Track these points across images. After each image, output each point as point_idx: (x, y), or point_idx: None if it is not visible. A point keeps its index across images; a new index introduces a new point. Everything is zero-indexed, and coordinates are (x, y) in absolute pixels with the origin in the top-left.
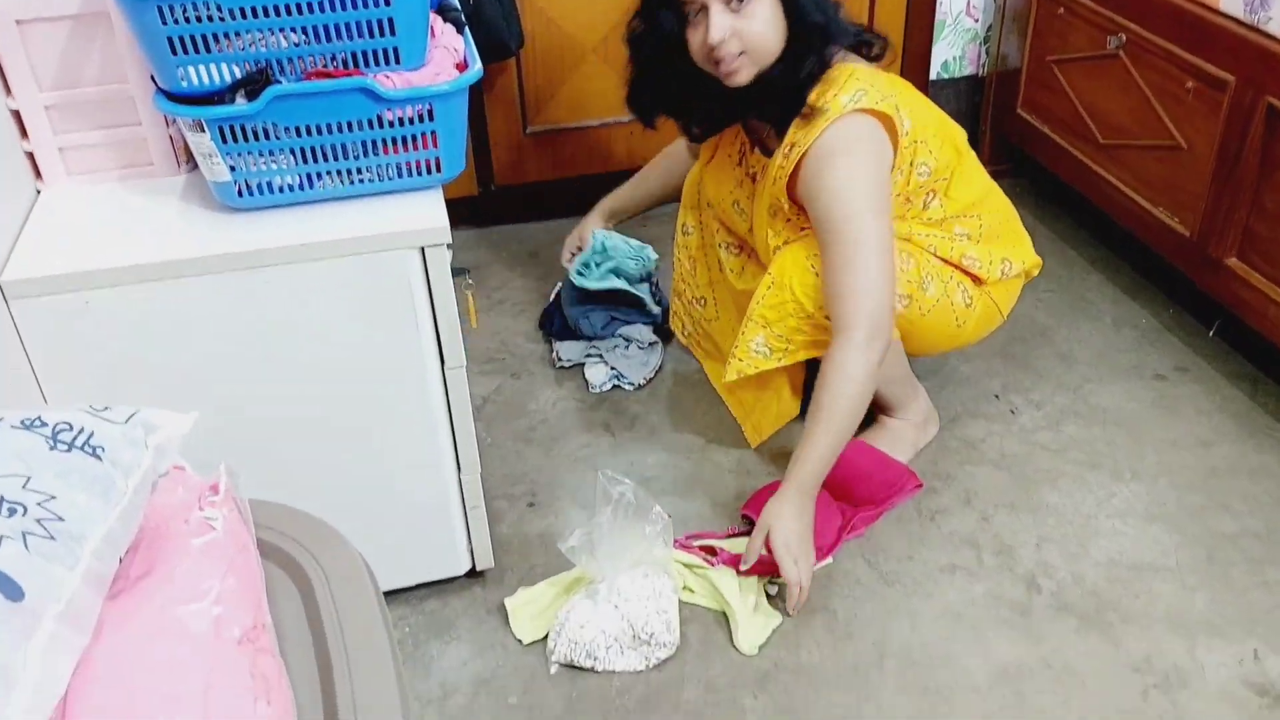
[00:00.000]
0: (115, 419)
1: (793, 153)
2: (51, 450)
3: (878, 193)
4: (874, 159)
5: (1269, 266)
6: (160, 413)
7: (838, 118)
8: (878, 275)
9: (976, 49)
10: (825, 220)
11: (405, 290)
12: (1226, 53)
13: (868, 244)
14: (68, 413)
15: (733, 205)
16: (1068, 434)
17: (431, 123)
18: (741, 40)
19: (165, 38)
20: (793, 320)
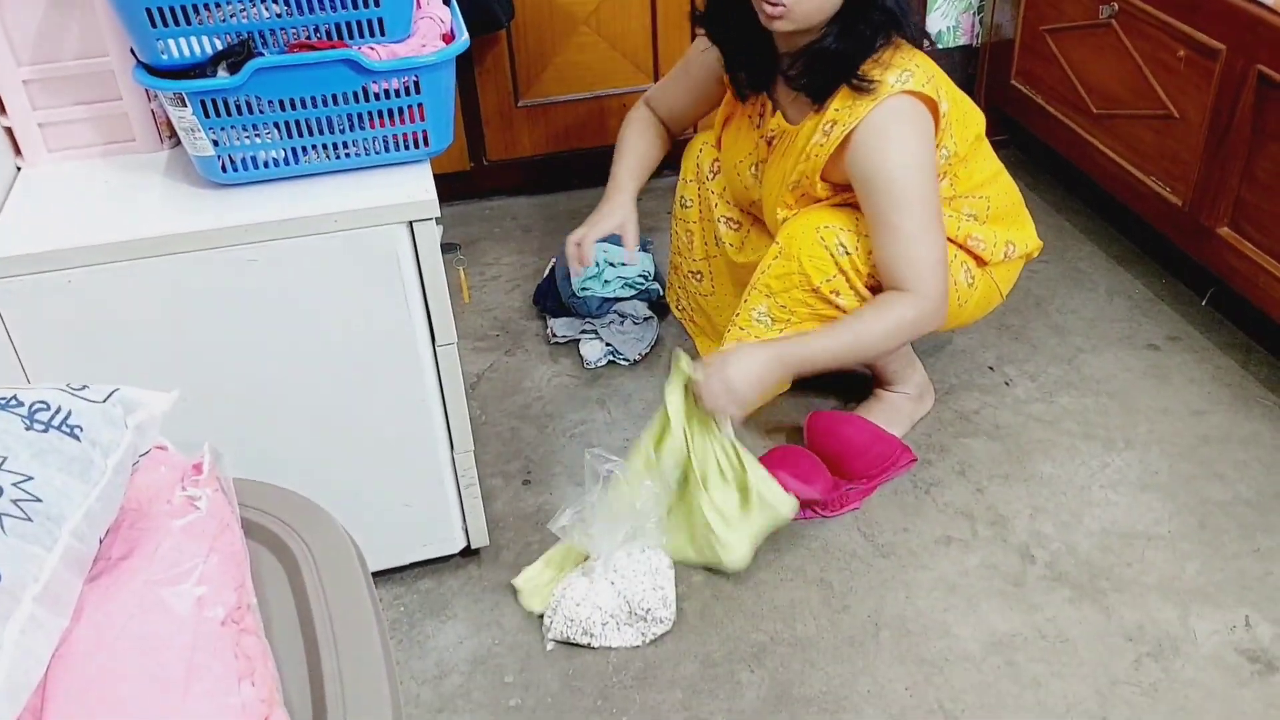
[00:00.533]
0: (93, 398)
1: (834, 131)
2: (28, 430)
3: (927, 168)
4: (924, 138)
5: (1260, 236)
6: (140, 391)
7: (886, 97)
8: (942, 252)
9: (970, 19)
10: (874, 199)
11: (394, 265)
12: (1217, 21)
13: (931, 219)
14: (44, 391)
15: (750, 169)
16: (1061, 404)
17: (418, 95)
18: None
19: (144, 9)
20: (797, 292)
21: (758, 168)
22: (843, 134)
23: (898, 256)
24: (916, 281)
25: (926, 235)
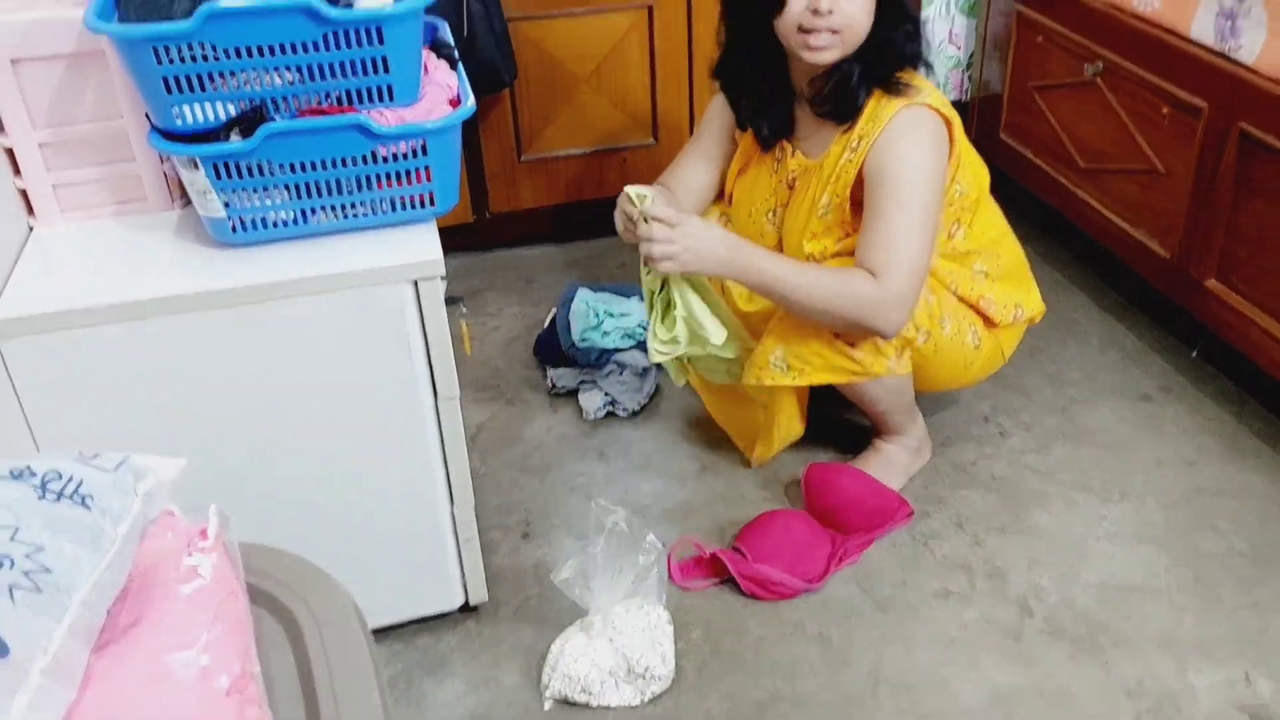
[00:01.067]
0: (105, 466)
1: (861, 145)
2: (40, 500)
3: (935, 177)
4: (937, 146)
5: (1248, 288)
6: (150, 458)
7: (907, 106)
8: (924, 263)
9: (960, 75)
10: (880, 191)
11: (399, 323)
12: (1199, 80)
13: (924, 225)
14: (57, 460)
15: (766, 216)
16: (1056, 455)
17: (425, 158)
18: (843, 16)
19: (161, 77)
20: (814, 343)
21: (775, 214)
22: (869, 145)
23: (879, 245)
24: (887, 272)
25: (914, 238)
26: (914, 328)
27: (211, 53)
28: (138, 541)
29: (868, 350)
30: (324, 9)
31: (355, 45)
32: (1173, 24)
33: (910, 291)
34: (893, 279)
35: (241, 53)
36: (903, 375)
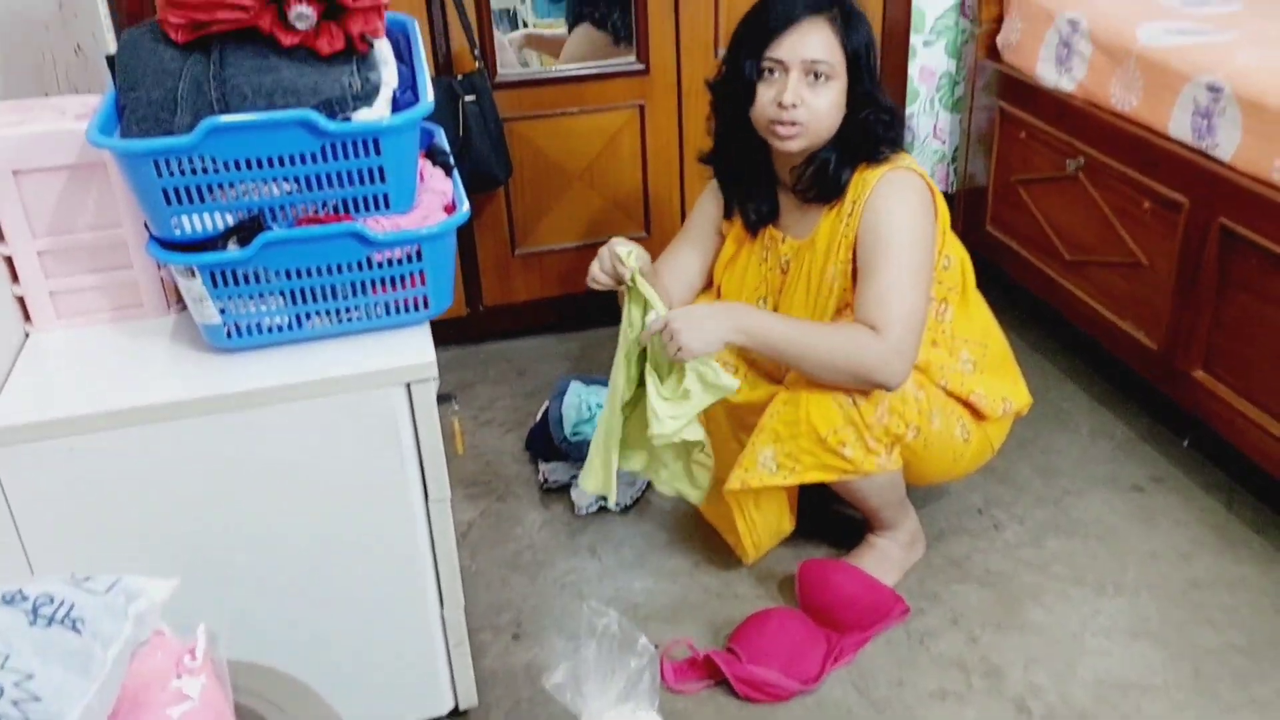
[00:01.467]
0: (96, 589)
1: (854, 211)
2: (31, 626)
3: (924, 233)
4: (923, 205)
5: (1234, 379)
6: (142, 580)
7: (892, 169)
8: (920, 314)
9: (945, 168)
10: (872, 249)
11: (391, 425)
12: (1178, 175)
13: (916, 278)
14: (50, 584)
15: (758, 303)
16: (1050, 549)
17: (419, 262)
18: (808, 111)
19: (161, 189)
20: (804, 441)
21: (766, 301)
22: (861, 208)
23: (876, 300)
24: (886, 326)
25: (908, 291)
26: (904, 424)
27: (211, 165)
28: (128, 663)
29: (858, 448)
30: (322, 122)
31: (352, 156)
32: (1150, 121)
33: (910, 342)
34: (892, 332)
35: (241, 165)
36: (893, 471)
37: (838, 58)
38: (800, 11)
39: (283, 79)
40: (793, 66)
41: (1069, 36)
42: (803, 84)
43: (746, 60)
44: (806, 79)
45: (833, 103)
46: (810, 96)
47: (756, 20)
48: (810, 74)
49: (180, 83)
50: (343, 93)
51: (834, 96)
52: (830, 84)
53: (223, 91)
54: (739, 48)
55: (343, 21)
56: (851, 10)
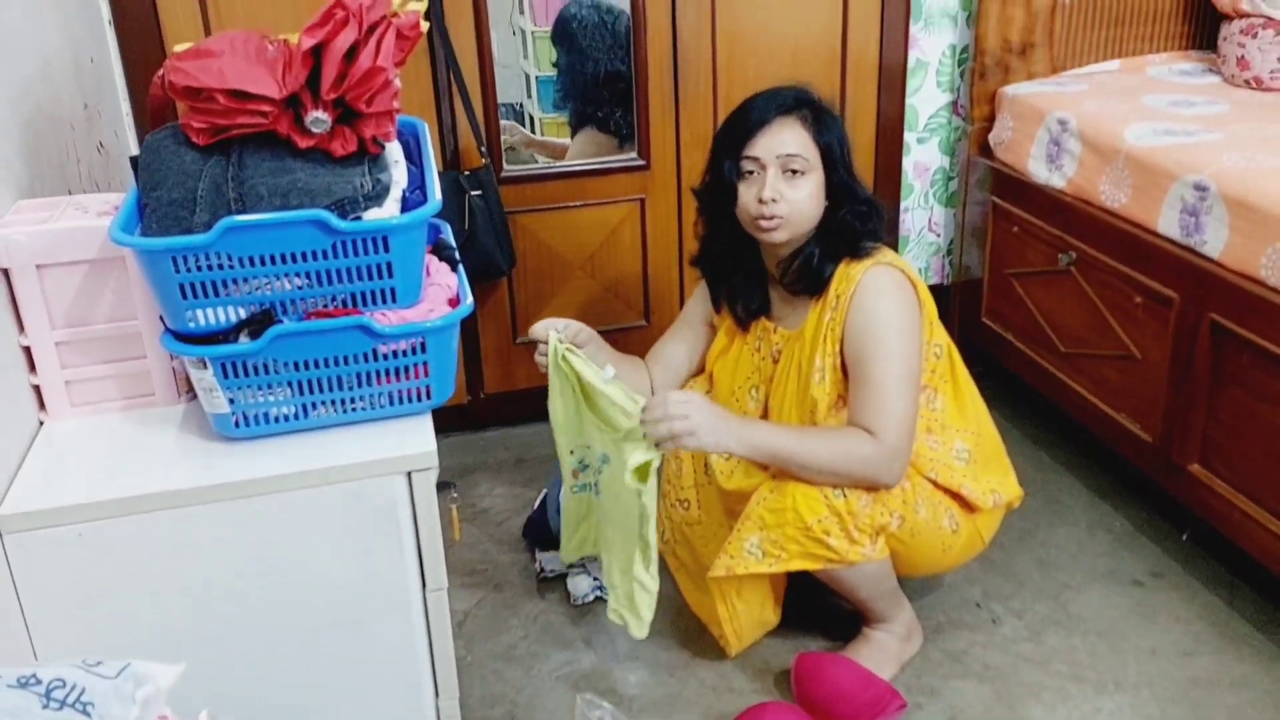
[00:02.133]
0: (106, 674)
1: (840, 301)
2: (44, 709)
3: (911, 329)
4: (909, 307)
5: (1230, 473)
6: (150, 665)
7: (874, 265)
8: (913, 413)
9: (940, 261)
10: (861, 350)
11: (391, 514)
12: (1169, 271)
13: (907, 377)
14: (62, 669)
15: (749, 392)
16: (1049, 644)
17: (424, 354)
18: (788, 205)
19: (178, 284)
20: (790, 529)
21: (758, 390)
22: (847, 301)
23: (869, 403)
24: (882, 429)
25: (900, 391)
26: (888, 513)
27: (227, 261)
28: None
29: (842, 538)
30: (334, 221)
31: (362, 253)
32: (1140, 218)
33: (906, 442)
34: (889, 436)
35: (255, 261)
36: (879, 561)
37: (811, 152)
38: (772, 113)
39: (297, 180)
40: (769, 163)
41: (1059, 135)
42: (780, 179)
43: (726, 162)
44: (784, 174)
45: (810, 195)
46: (788, 190)
47: (733, 125)
48: (787, 169)
49: (200, 183)
50: (354, 193)
51: (811, 189)
52: (806, 177)
53: (240, 192)
54: (719, 152)
55: (356, 126)
56: (822, 109)
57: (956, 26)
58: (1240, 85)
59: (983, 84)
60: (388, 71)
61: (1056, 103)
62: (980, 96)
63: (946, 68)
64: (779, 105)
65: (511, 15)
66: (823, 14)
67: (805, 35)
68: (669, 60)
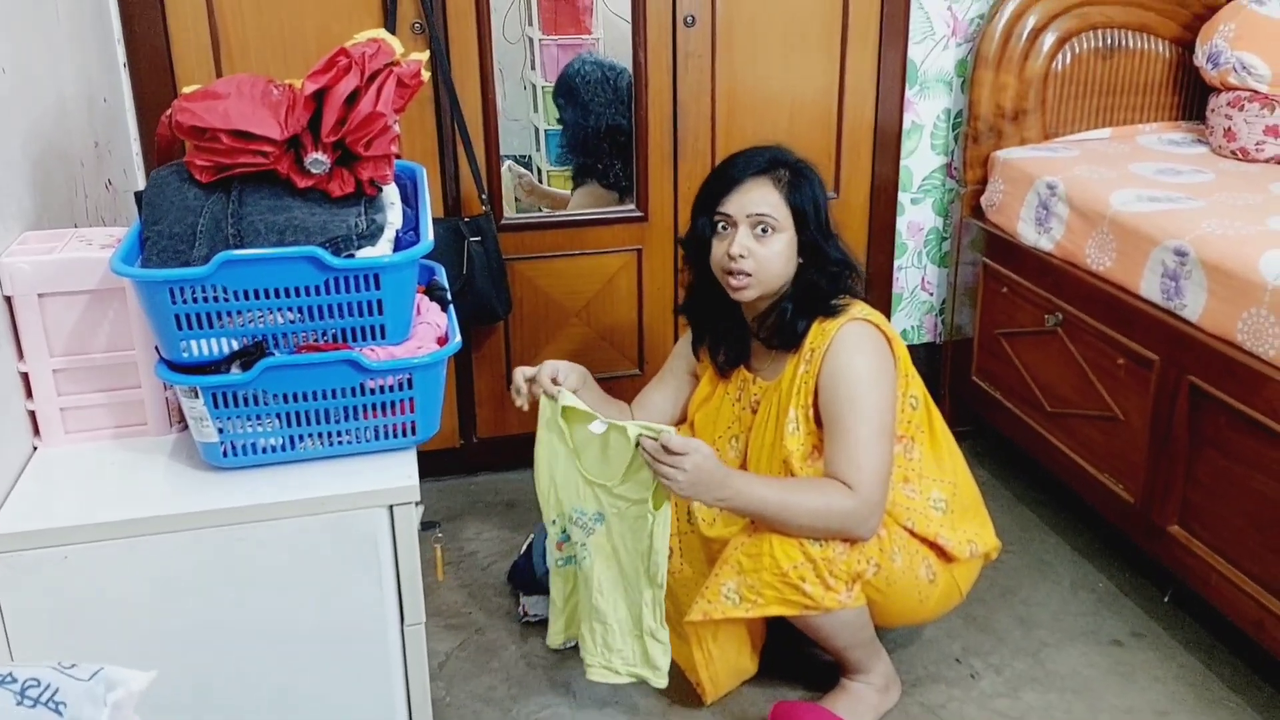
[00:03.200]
0: (80, 676)
1: (814, 356)
2: (18, 705)
3: (885, 383)
4: (882, 361)
5: (1209, 535)
6: (122, 671)
7: (849, 321)
8: (887, 466)
9: (933, 319)
10: (835, 405)
11: (372, 546)
12: (1149, 334)
13: (882, 431)
14: (38, 669)
15: (729, 441)
16: (1026, 701)
17: (410, 390)
18: (755, 262)
19: (174, 315)
20: (766, 574)
21: (738, 439)
22: (820, 356)
23: (845, 457)
24: (858, 483)
25: (875, 445)
26: (864, 560)
27: (223, 294)
28: None
29: (817, 585)
30: (327, 258)
31: (354, 289)
32: (1123, 282)
33: (881, 495)
34: (864, 488)
35: (250, 295)
36: (856, 609)
37: (782, 212)
38: (747, 173)
39: (294, 217)
40: (740, 221)
41: (1047, 199)
42: (749, 236)
43: (701, 217)
44: (754, 231)
45: (778, 253)
46: (757, 248)
47: (710, 182)
48: (756, 227)
49: (200, 219)
50: (349, 231)
51: (780, 247)
52: (777, 236)
53: (239, 228)
54: (697, 207)
55: (354, 168)
56: (798, 170)
57: (951, 92)
58: (1227, 156)
59: (976, 148)
60: (387, 117)
61: (1046, 168)
62: (973, 160)
63: (941, 131)
64: (754, 165)
65: (523, 70)
66: (820, 76)
67: (803, 96)
68: (669, 117)
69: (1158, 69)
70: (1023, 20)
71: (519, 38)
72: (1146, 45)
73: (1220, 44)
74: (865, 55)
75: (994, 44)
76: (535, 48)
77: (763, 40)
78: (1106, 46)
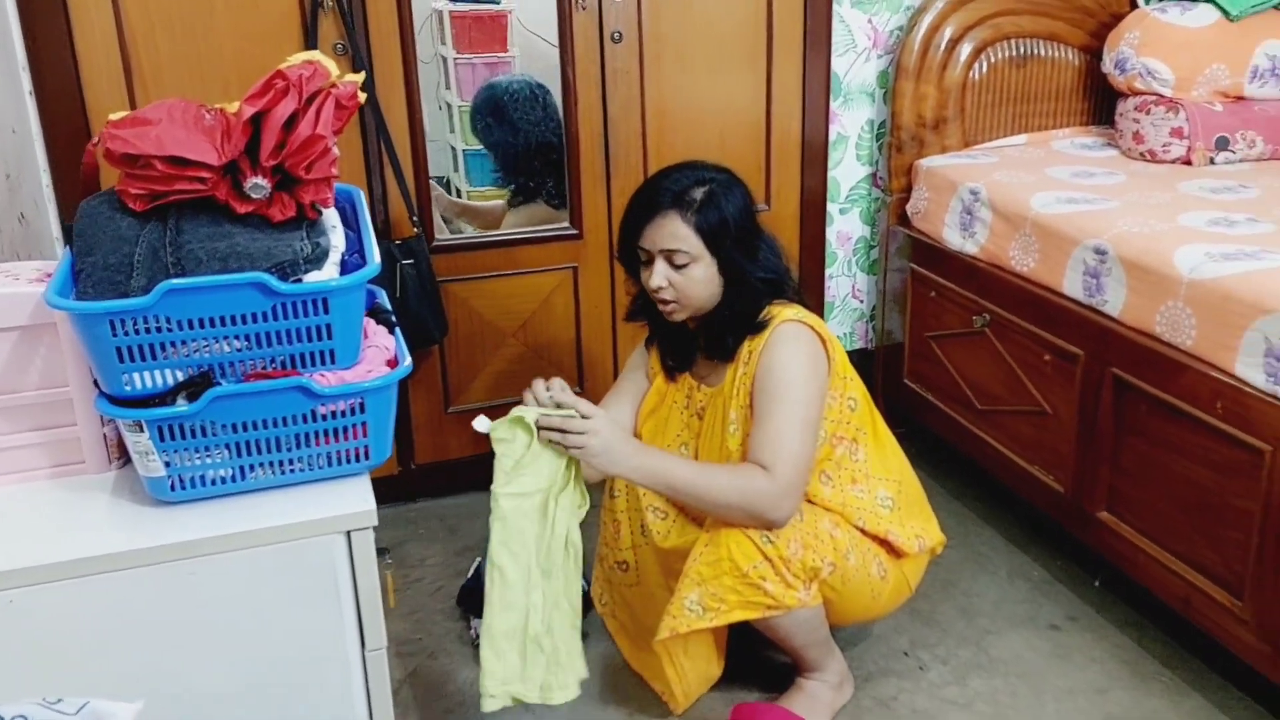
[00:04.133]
0: (67, 710)
1: (752, 359)
2: None
3: (813, 377)
4: (812, 358)
5: (1135, 519)
6: (109, 703)
7: (783, 321)
8: (809, 457)
9: (864, 326)
10: (763, 394)
11: (330, 574)
12: (1073, 330)
13: (807, 423)
14: (23, 705)
15: (679, 450)
16: (973, 687)
17: (362, 415)
18: (676, 291)
19: (115, 348)
20: (727, 579)
21: (687, 446)
22: (758, 355)
23: (766, 441)
24: (776, 465)
25: (798, 433)
26: (819, 558)
27: (166, 324)
28: None
29: (777, 583)
30: (274, 283)
31: (302, 315)
32: (1047, 281)
33: (798, 481)
34: (782, 472)
35: (194, 324)
36: (814, 608)
37: (693, 243)
38: (653, 207)
39: (237, 244)
40: (656, 255)
41: (971, 204)
42: (667, 268)
43: (626, 244)
44: (671, 263)
45: (698, 280)
46: (676, 277)
47: (625, 215)
48: (671, 260)
49: (136, 248)
50: (294, 256)
51: (699, 274)
52: (695, 264)
53: (179, 256)
54: (622, 233)
55: (295, 192)
56: (710, 194)
57: (874, 103)
58: (1136, 158)
59: (899, 157)
60: (327, 139)
61: (968, 174)
62: (897, 169)
63: (866, 142)
64: (663, 197)
65: (438, 90)
66: (747, 90)
67: (731, 111)
68: (600, 133)
69: (1068, 76)
70: (940, 31)
71: (432, 57)
72: (1057, 54)
73: (1127, 51)
74: (790, 68)
75: (913, 55)
76: (450, 67)
77: (690, 55)
78: (1020, 56)
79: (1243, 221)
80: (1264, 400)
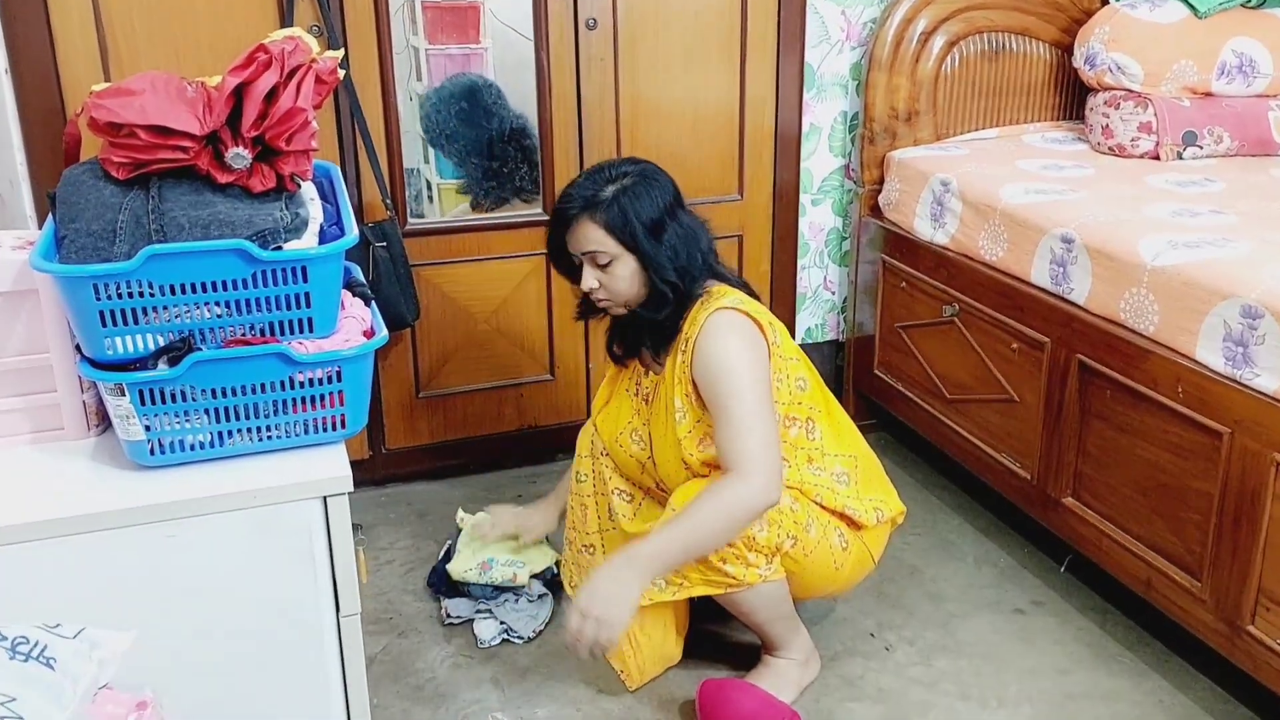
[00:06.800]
0: (65, 634)
1: (688, 347)
2: (10, 660)
3: (755, 363)
4: (750, 343)
5: (1100, 504)
6: (103, 631)
7: (716, 310)
8: (773, 436)
9: (835, 317)
10: (713, 390)
11: (305, 539)
12: (1040, 318)
13: (761, 406)
14: (24, 628)
15: (631, 435)
16: (938, 667)
17: (339, 383)
18: (606, 291)
19: (97, 312)
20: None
21: (638, 432)
22: (693, 345)
23: (732, 440)
24: (749, 462)
25: (758, 421)
26: (781, 533)
27: (148, 289)
28: (90, 701)
29: (739, 564)
30: (255, 250)
31: (282, 282)
32: (1015, 270)
33: (774, 465)
34: (756, 466)
35: (176, 289)
36: (776, 582)
37: (609, 244)
38: (571, 214)
39: (218, 212)
40: (582, 258)
41: (942, 196)
42: (594, 270)
43: (559, 253)
44: (595, 265)
45: (623, 277)
46: (603, 277)
47: (551, 220)
48: (594, 262)
49: (120, 215)
50: (275, 225)
51: (623, 272)
52: (617, 263)
53: (161, 223)
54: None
55: (275, 163)
56: (615, 196)
57: (847, 95)
58: (1105, 152)
59: (872, 149)
60: (307, 112)
61: (939, 166)
62: (870, 160)
63: (839, 133)
64: (575, 205)
65: (409, 81)
66: (721, 82)
67: (705, 102)
68: (574, 121)
69: (1039, 71)
70: (913, 24)
71: (404, 47)
72: (1028, 48)
73: (1096, 46)
74: (764, 59)
75: (886, 48)
76: (421, 57)
77: (665, 45)
78: (992, 49)
79: (1206, 213)
80: (1223, 383)
